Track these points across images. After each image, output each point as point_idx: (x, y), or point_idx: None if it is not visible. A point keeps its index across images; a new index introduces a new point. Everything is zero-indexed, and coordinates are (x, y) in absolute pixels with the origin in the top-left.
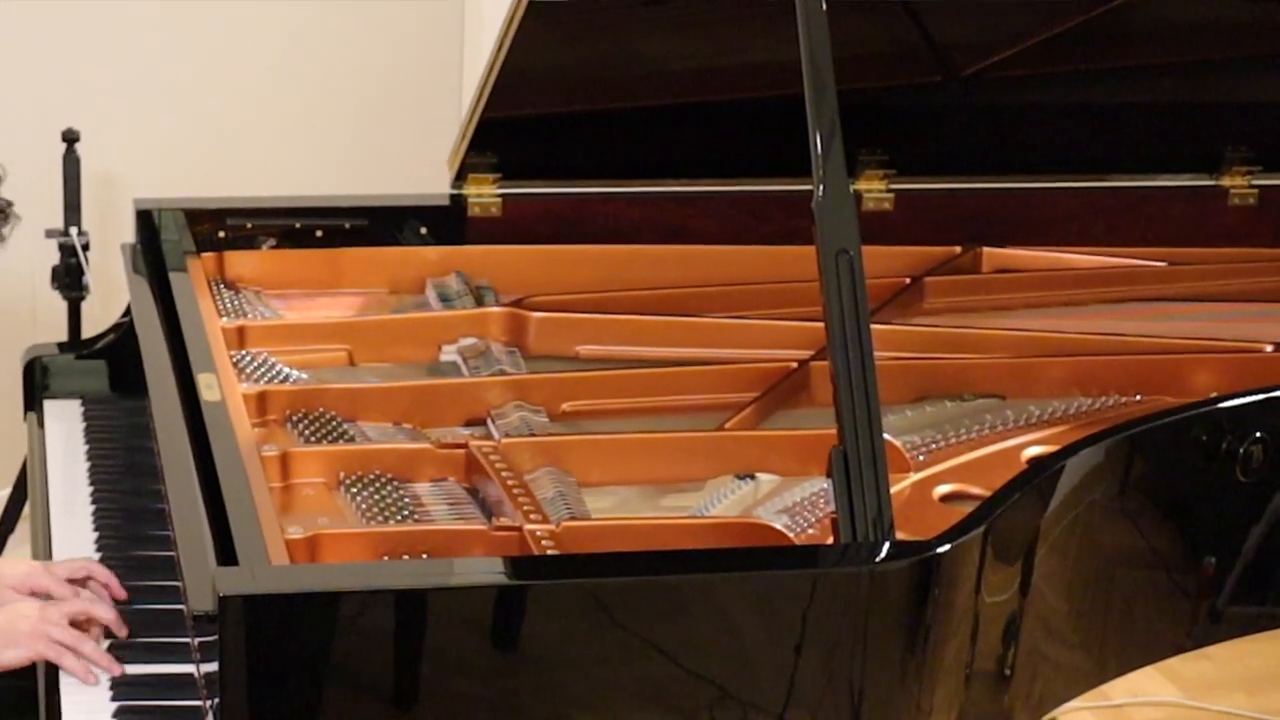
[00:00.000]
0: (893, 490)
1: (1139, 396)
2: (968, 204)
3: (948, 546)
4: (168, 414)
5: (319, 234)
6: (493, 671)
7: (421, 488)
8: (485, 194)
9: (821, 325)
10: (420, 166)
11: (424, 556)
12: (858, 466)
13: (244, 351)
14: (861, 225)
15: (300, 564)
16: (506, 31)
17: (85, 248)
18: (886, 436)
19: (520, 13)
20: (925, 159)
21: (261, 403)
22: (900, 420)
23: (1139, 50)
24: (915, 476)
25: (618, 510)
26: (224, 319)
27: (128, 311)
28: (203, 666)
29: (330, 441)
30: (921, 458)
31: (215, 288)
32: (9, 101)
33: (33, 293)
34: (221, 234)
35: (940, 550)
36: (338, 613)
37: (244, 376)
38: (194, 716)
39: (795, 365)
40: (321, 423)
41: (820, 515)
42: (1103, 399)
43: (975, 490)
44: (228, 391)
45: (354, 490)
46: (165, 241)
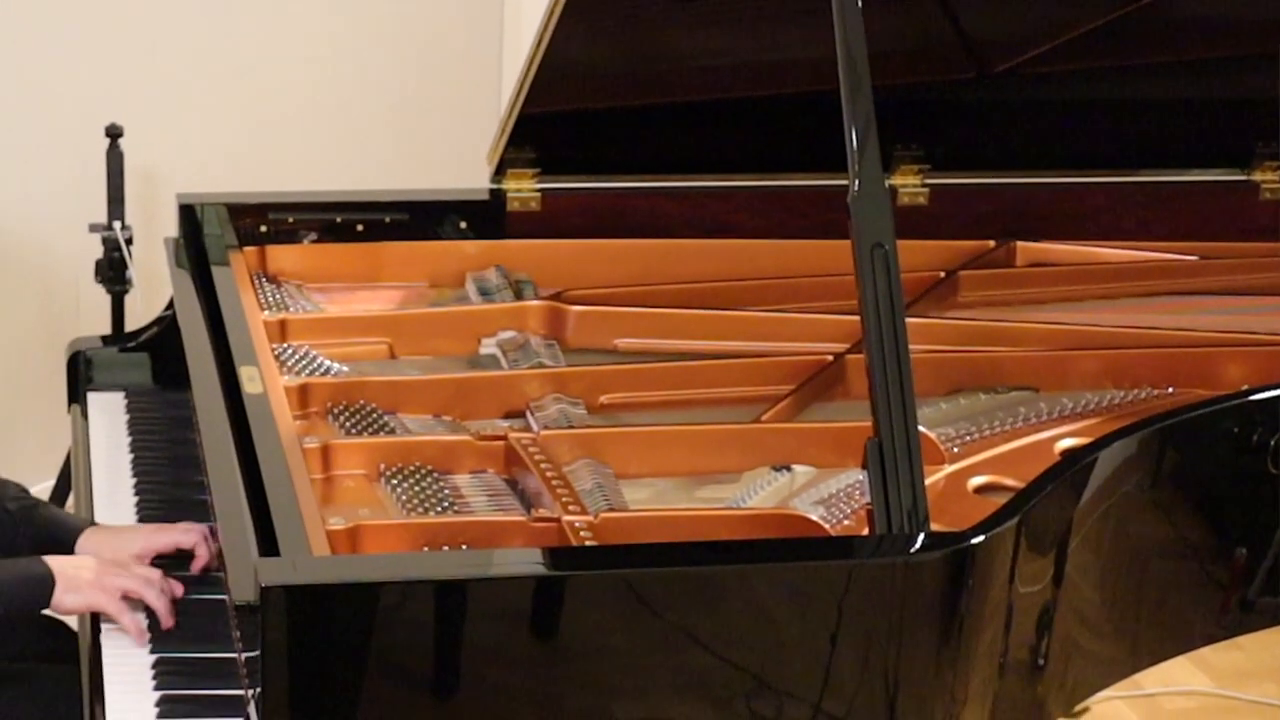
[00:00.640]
0: (927, 482)
1: (1171, 389)
2: (1001, 199)
3: (982, 538)
4: (210, 406)
5: (360, 228)
6: (531, 661)
7: (461, 479)
8: (524, 189)
9: (857, 319)
10: (460, 161)
11: (463, 548)
12: (893, 458)
13: (285, 344)
14: (897, 220)
15: (341, 555)
16: (546, 27)
17: (129, 242)
18: (921, 429)
19: (559, 9)
20: (960, 154)
21: (303, 395)
22: (935, 413)
23: (1171, 46)
24: (950, 468)
25: (655, 502)
26: (266, 312)
27: (170, 305)
28: (244, 655)
29: (371, 433)
30: (956, 450)
31: (257, 281)
32: (54, 98)
33: (76, 286)
34: (263, 228)
35: (975, 541)
36: (378, 603)
37: (285, 369)
38: (235, 704)
39: (831, 358)
40: (362, 415)
41: (856, 507)
42: (1135, 391)
43: (1009, 482)
44: (269, 384)
45: (394, 482)
46: (208, 236)
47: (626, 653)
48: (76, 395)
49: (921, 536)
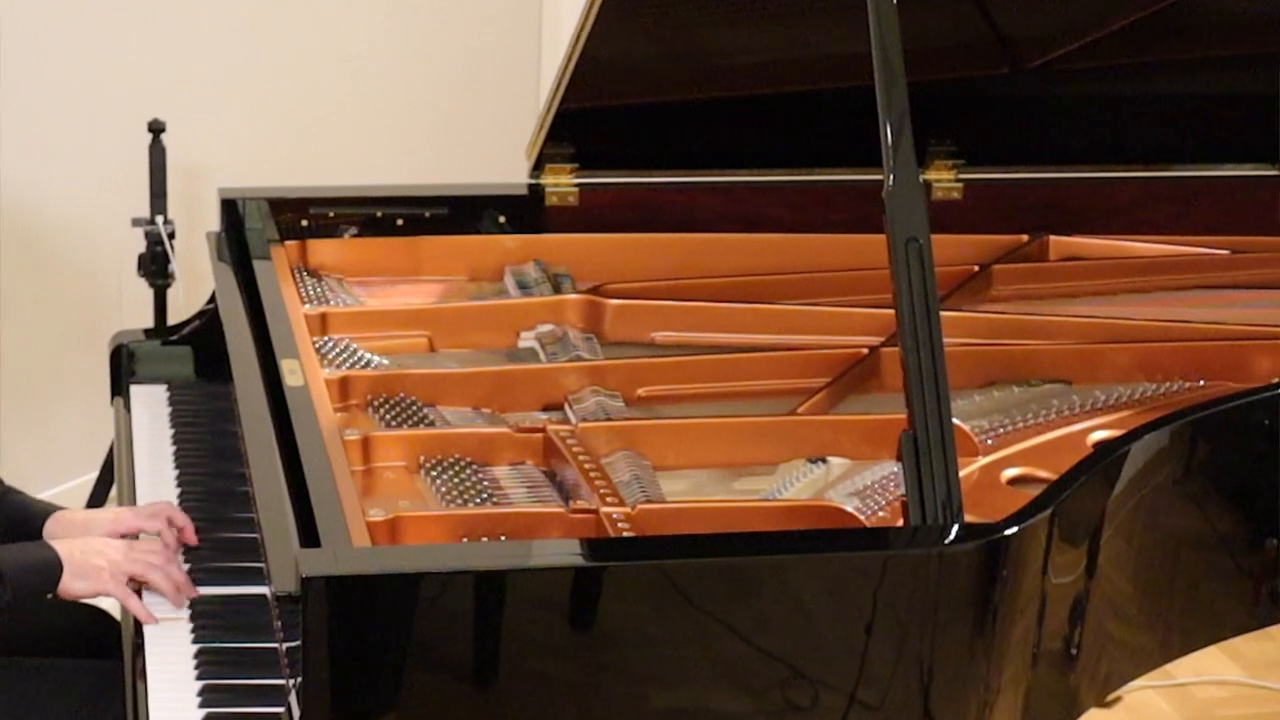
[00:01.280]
0: (962, 474)
1: (1202, 382)
2: (1035, 193)
3: (1015, 529)
4: (252, 399)
5: (400, 222)
6: (569, 651)
7: (500, 471)
8: (563, 183)
9: (892, 312)
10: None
11: (502, 538)
12: (927, 450)
13: (326, 337)
14: (931, 214)
15: (381, 545)
16: (584, 24)
17: (171, 236)
18: (955, 421)
19: (597, 6)
20: (993, 149)
21: (343, 388)
22: (969, 405)
23: (1202, 42)
24: (984, 460)
25: (692, 493)
26: (307, 306)
27: (212, 298)
28: (285, 645)
29: (411, 426)
30: (990, 442)
31: (298, 275)
32: (98, 94)
33: (119, 280)
34: (304, 222)
35: (1008, 532)
36: (418, 593)
37: (326, 362)
38: (276, 694)
39: (866, 351)
40: (402, 407)
41: (890, 498)
42: (1167, 384)
43: (1042, 474)
44: (310, 377)
45: (434, 473)
46: (249, 230)
47: (663, 642)
48: (119, 388)
49: (956, 528)
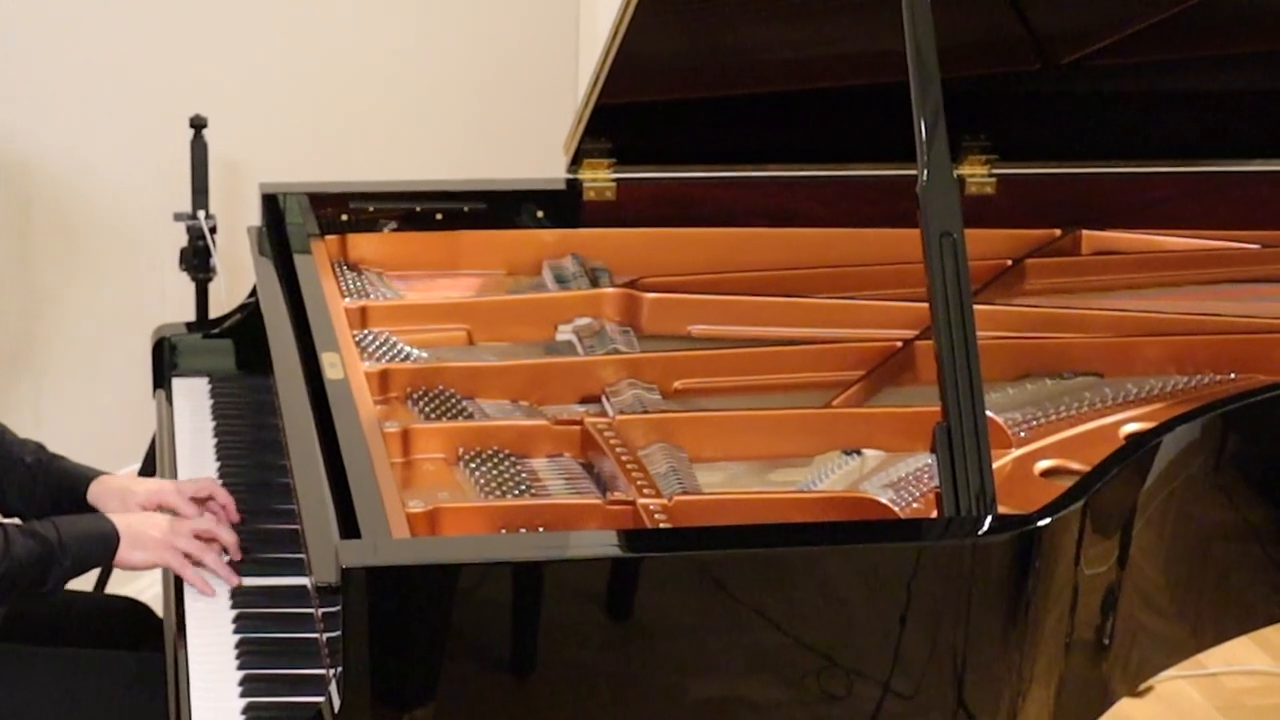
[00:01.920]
0: (995, 465)
1: (1233, 375)
2: (1067, 188)
3: (1048, 520)
4: (292, 391)
5: (439, 217)
6: (606, 641)
7: (538, 463)
8: (600, 178)
9: (926, 305)
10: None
11: (540, 530)
12: (961, 442)
13: (366, 331)
14: (964, 209)
15: (421, 537)
16: (621, 21)
17: (212, 230)
18: (989, 413)
19: (634, 3)
20: (1026, 144)
21: (383, 381)
22: (1002, 397)
23: (1234, 38)
24: (1017, 452)
25: (728, 485)
26: (347, 299)
27: (253, 292)
28: (325, 635)
29: (450, 418)
30: (1023, 434)
31: (338, 269)
32: (140, 90)
33: (161, 274)
34: (344, 217)
35: (1041, 524)
36: (457, 584)
37: (366, 355)
38: (316, 683)
39: (900, 344)
40: (441, 400)
41: (924, 490)
42: (1198, 377)
43: (1075, 465)
44: (350, 370)
45: (473, 465)
46: (290, 224)
47: (700, 633)
48: (161, 380)
49: (989, 519)
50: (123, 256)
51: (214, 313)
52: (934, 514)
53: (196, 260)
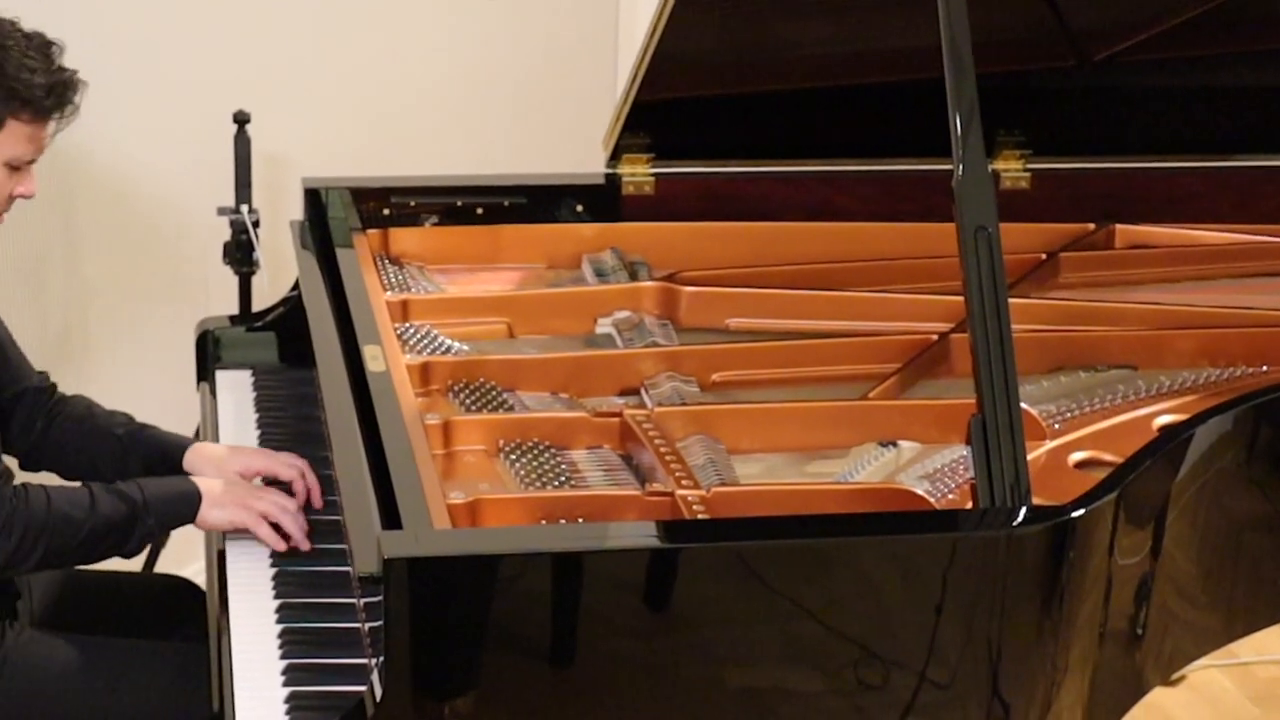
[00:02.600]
0: (1029, 457)
1: (1265, 367)
2: (1101, 183)
3: (1082, 511)
4: (334, 384)
5: (480, 211)
6: (645, 631)
7: (578, 455)
8: (639, 173)
9: (961, 299)
10: (577, 147)
11: (580, 521)
12: (996, 434)
13: (408, 324)
14: (999, 203)
15: (462, 528)
16: (659, 17)
17: (255, 225)
18: (1024, 405)
19: (673, 0)
20: (1060, 139)
21: (424, 373)
22: (1037, 390)
23: (1263, 35)
24: (1051, 444)
25: (766, 476)
26: (388, 293)
27: (296, 286)
28: (367, 625)
29: (490, 410)
30: (1057, 426)
31: (380, 263)
32: (185, 86)
33: (205, 268)
34: (386, 211)
35: (1075, 515)
36: (497, 574)
37: (408, 348)
38: (359, 672)
39: (936, 337)
40: (482, 392)
41: (960, 481)
42: (1230, 369)
43: (1108, 457)
44: (392, 362)
45: (513, 457)
46: (332, 219)
47: (738, 623)
48: (205, 373)
49: (1024, 510)
50: (167, 250)
51: (257, 306)
52: (969, 505)
53: (240, 254)
